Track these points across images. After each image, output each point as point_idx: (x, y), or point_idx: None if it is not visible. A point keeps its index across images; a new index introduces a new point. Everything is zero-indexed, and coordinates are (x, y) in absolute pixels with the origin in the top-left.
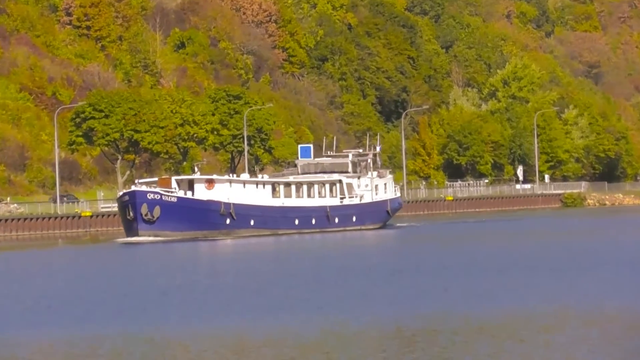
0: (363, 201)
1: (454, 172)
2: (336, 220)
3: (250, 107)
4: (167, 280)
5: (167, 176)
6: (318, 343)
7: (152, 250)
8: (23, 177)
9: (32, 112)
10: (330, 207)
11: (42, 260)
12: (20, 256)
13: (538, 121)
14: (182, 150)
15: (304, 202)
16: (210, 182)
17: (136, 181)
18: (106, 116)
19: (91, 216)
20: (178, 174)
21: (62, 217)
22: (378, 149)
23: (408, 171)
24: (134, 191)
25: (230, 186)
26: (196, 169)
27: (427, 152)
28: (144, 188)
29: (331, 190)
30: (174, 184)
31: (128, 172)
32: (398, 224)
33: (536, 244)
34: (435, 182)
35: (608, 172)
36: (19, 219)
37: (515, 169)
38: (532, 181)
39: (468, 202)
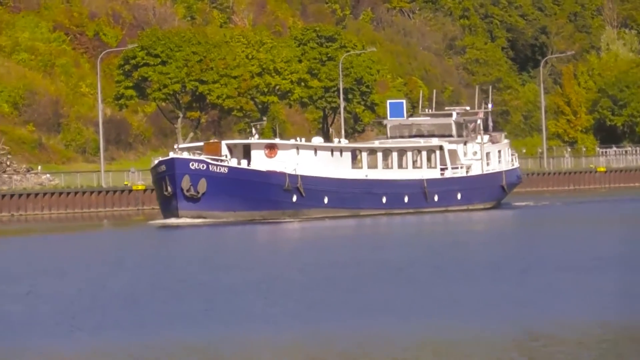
0: (470, 173)
1: (608, 136)
2: (435, 197)
3: (347, 51)
4: (232, 275)
5: (216, 140)
6: (425, 353)
7: (198, 235)
8: (58, 140)
9: (69, 57)
10: (428, 180)
11: (77, 246)
12: (51, 241)
13: None
14: (260, 106)
15: (394, 174)
16: (271, 148)
17: (176, 146)
18: (163, 62)
19: (144, 190)
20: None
21: (107, 192)
22: (490, 106)
23: (549, 134)
24: (172, 159)
25: (298, 153)
26: (254, 130)
27: (572, 111)
28: (185, 155)
29: (429, 159)
30: (224, 150)
31: (192, 134)
32: (516, 203)
33: None
34: (584, 149)
35: None
36: (52, 194)
37: None
38: None
39: (625, 175)
